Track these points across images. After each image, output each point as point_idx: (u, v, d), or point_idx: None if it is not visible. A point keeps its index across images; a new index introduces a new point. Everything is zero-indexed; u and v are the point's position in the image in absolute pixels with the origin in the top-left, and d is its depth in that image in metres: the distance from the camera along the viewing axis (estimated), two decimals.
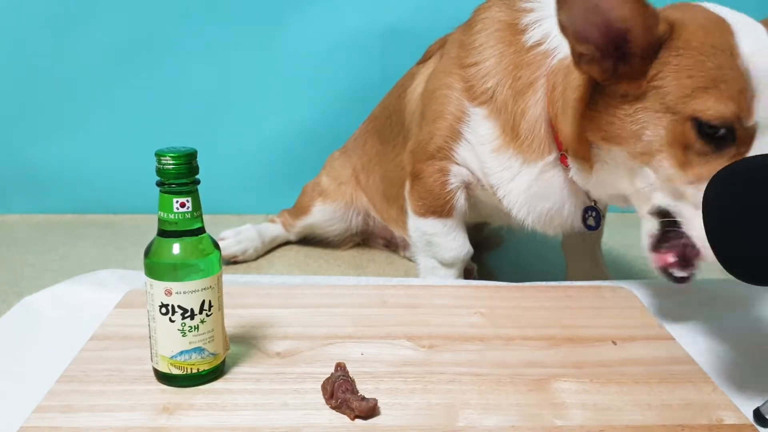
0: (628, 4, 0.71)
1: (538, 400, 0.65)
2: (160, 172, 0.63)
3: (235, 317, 0.79)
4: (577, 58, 0.76)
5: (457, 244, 1.01)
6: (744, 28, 0.72)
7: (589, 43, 0.75)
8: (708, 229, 0.64)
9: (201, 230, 0.66)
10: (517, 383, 0.68)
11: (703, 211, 0.65)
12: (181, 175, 0.63)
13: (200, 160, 0.64)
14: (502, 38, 0.90)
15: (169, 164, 0.62)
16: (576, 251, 1.08)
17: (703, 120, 0.70)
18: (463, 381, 0.68)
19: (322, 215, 1.28)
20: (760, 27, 0.74)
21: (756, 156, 0.66)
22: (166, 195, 0.63)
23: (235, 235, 1.25)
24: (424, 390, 0.67)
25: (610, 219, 1.06)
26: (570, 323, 0.82)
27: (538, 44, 0.86)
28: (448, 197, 0.96)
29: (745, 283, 0.62)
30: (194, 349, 0.66)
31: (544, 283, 0.96)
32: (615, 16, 0.72)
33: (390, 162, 1.15)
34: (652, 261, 0.82)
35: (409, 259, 1.25)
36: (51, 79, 1.43)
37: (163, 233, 0.65)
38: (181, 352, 0.65)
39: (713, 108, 0.70)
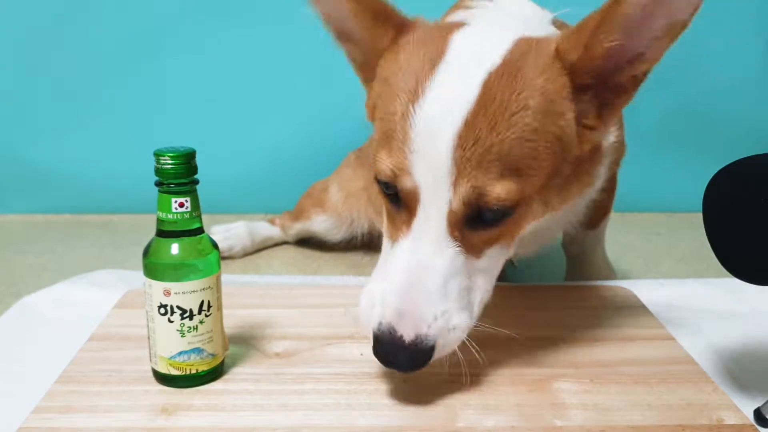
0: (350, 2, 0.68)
1: (538, 401, 0.65)
2: (158, 171, 0.62)
3: (234, 317, 0.79)
4: (347, 58, 0.75)
5: None
6: (456, 61, 0.62)
7: (351, 43, 0.73)
8: (709, 229, 0.64)
9: (200, 230, 0.65)
10: (517, 383, 0.68)
11: (703, 211, 0.65)
12: (179, 175, 0.62)
13: (199, 160, 0.64)
14: None
15: (168, 164, 0.62)
16: (576, 251, 1.08)
17: (377, 178, 0.66)
18: (463, 381, 0.68)
19: (323, 226, 1.25)
20: (483, 62, 0.61)
21: (756, 156, 0.65)
22: (165, 195, 0.63)
23: (223, 232, 1.24)
24: (424, 390, 0.67)
25: (610, 219, 1.05)
26: (570, 323, 0.81)
27: None
28: None
29: (745, 283, 0.62)
30: (193, 350, 0.65)
31: (544, 284, 0.95)
32: (341, 13, 0.70)
33: None
34: None
35: None
36: (49, 79, 1.43)
37: (161, 233, 0.64)
38: (180, 353, 0.65)
39: (378, 164, 0.64)
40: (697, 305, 0.91)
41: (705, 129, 1.49)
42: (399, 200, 0.64)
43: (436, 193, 0.60)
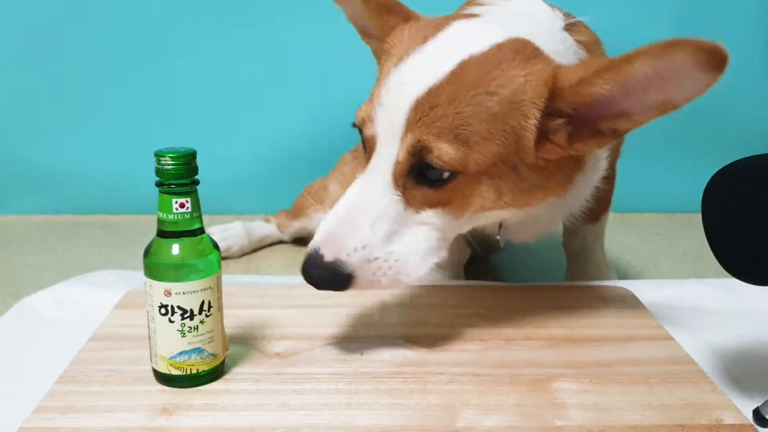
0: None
1: (537, 401, 0.65)
2: (159, 172, 0.62)
3: (234, 318, 0.79)
4: (373, 53, 0.81)
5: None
6: (441, 41, 0.69)
7: (374, 40, 0.78)
8: (708, 229, 0.64)
9: (200, 230, 0.65)
10: (517, 383, 0.68)
11: (702, 212, 0.65)
12: (180, 175, 0.62)
13: (200, 161, 0.64)
14: None
15: (169, 164, 0.62)
16: (576, 251, 1.08)
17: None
18: (463, 381, 0.68)
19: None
20: (462, 47, 0.67)
21: (756, 156, 0.65)
22: (166, 195, 0.63)
23: (221, 232, 1.25)
24: (424, 390, 0.67)
25: (609, 219, 1.05)
26: (570, 323, 0.82)
27: None
28: None
29: (744, 283, 0.62)
30: (194, 350, 0.65)
31: (544, 284, 0.96)
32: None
33: None
34: None
35: None
36: (49, 79, 1.43)
37: (162, 234, 0.64)
38: (181, 353, 0.65)
39: (359, 108, 0.72)
40: (697, 305, 0.91)
41: (704, 129, 1.49)
42: (365, 145, 0.72)
43: (389, 143, 0.68)
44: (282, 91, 1.47)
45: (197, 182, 0.64)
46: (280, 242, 1.35)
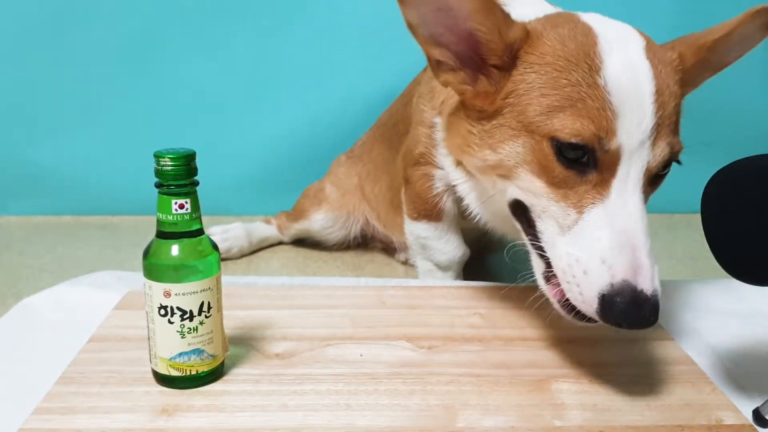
0: (474, 1, 0.66)
1: (537, 401, 0.65)
2: (158, 173, 0.63)
3: (234, 318, 0.79)
4: (435, 65, 0.72)
5: (450, 247, 1.00)
6: (613, 41, 0.67)
7: (443, 48, 0.70)
8: (708, 230, 0.64)
9: (200, 231, 0.66)
10: (517, 384, 0.68)
11: (702, 212, 0.65)
12: (179, 176, 0.62)
13: (199, 162, 0.64)
14: None
15: (168, 165, 0.62)
16: None
17: (561, 140, 0.65)
18: (463, 382, 0.68)
19: (321, 224, 1.27)
20: (634, 40, 0.68)
21: (756, 156, 0.66)
22: (165, 196, 0.63)
23: (221, 233, 1.25)
24: (424, 391, 0.67)
25: None
26: (569, 324, 0.81)
27: None
28: (436, 201, 0.95)
29: (744, 283, 0.62)
30: (193, 351, 0.65)
31: None
32: (462, 13, 0.67)
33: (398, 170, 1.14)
34: (548, 294, 0.71)
35: (403, 263, 1.24)
36: (49, 80, 1.43)
37: (161, 234, 0.64)
38: (180, 354, 0.65)
39: (569, 127, 0.64)
40: (696, 305, 0.91)
41: (704, 129, 1.48)
42: (588, 165, 0.65)
43: (638, 152, 0.64)
44: (282, 92, 1.47)
45: (197, 183, 0.64)
46: (280, 243, 1.35)
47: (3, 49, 1.40)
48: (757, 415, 0.66)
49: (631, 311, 0.60)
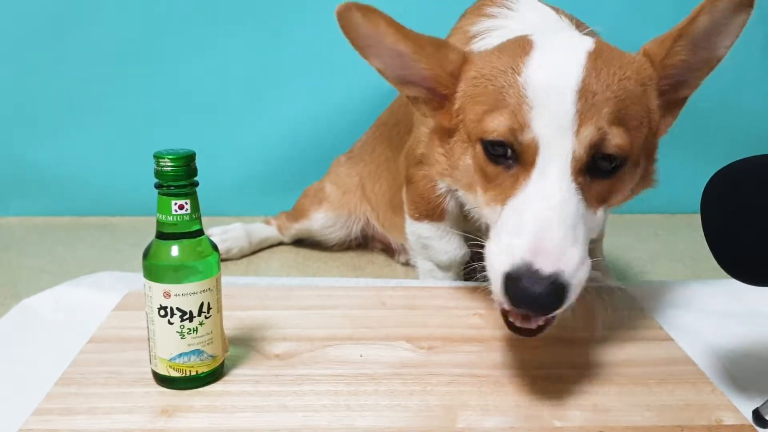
0: (403, 41, 0.71)
1: (537, 401, 0.65)
2: (158, 174, 0.63)
3: (233, 319, 0.79)
4: (411, 101, 0.77)
5: (451, 247, 1.00)
6: (547, 49, 0.68)
7: (411, 85, 0.75)
8: (708, 230, 0.64)
9: (200, 232, 0.66)
10: (517, 384, 0.68)
11: (702, 212, 0.65)
12: (179, 177, 0.62)
13: (199, 162, 0.64)
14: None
15: (168, 166, 0.62)
16: None
17: (485, 139, 0.67)
18: (463, 382, 0.68)
19: (321, 223, 1.27)
20: (574, 47, 0.68)
21: (755, 156, 0.66)
22: (165, 197, 0.63)
23: (221, 234, 1.25)
24: (424, 391, 0.67)
25: (609, 220, 1.05)
26: (569, 324, 0.81)
27: None
28: (438, 201, 0.95)
29: (744, 283, 0.62)
30: (193, 352, 0.65)
31: None
32: (408, 56, 0.72)
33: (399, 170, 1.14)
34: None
35: (404, 265, 1.24)
36: (49, 81, 1.43)
37: (161, 235, 0.65)
38: (180, 355, 0.65)
39: (489, 125, 0.66)
40: (696, 306, 0.91)
41: (703, 130, 1.49)
42: (511, 159, 0.67)
43: (557, 142, 0.64)
44: (281, 92, 1.47)
45: (196, 184, 0.64)
46: (281, 244, 1.35)
47: (3, 49, 1.40)
48: (757, 415, 0.66)
49: (528, 291, 0.58)
